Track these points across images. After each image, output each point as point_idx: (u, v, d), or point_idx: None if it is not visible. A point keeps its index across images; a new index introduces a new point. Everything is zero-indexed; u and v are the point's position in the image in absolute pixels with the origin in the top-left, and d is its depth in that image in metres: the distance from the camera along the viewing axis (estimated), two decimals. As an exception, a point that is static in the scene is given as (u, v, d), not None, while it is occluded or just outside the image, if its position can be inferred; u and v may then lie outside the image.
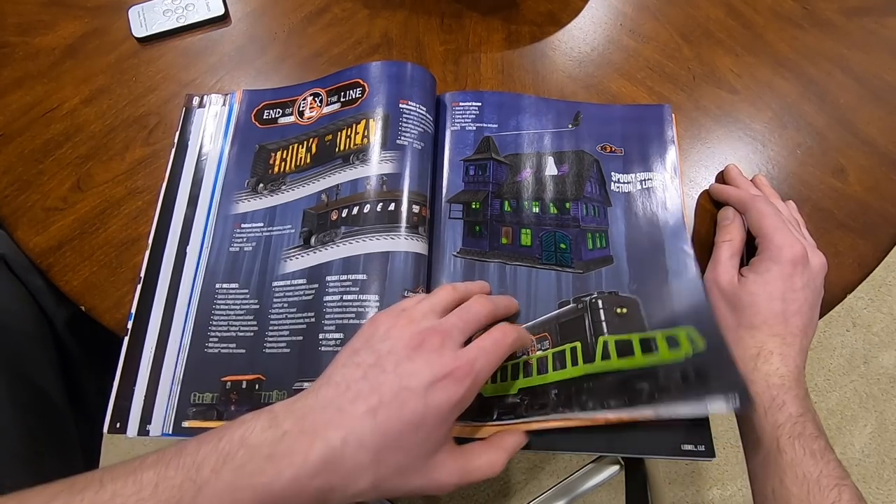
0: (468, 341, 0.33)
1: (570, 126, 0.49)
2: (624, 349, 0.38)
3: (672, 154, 0.47)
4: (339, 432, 0.28)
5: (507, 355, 0.34)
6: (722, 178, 0.49)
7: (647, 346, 0.38)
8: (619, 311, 0.40)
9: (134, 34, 0.53)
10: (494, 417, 0.38)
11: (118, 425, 0.39)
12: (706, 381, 0.35)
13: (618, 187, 0.46)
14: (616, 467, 0.64)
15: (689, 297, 0.40)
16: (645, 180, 0.46)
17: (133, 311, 0.42)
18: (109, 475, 0.26)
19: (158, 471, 0.26)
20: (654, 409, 0.35)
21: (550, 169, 0.47)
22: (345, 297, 0.39)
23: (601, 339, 0.39)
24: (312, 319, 0.40)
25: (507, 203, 0.46)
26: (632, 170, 0.47)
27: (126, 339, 0.41)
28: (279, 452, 0.27)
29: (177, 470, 0.26)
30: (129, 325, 0.42)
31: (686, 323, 0.39)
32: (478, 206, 0.45)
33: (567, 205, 0.45)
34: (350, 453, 0.28)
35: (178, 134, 0.49)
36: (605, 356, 0.38)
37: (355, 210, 0.42)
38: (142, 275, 0.43)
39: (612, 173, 0.47)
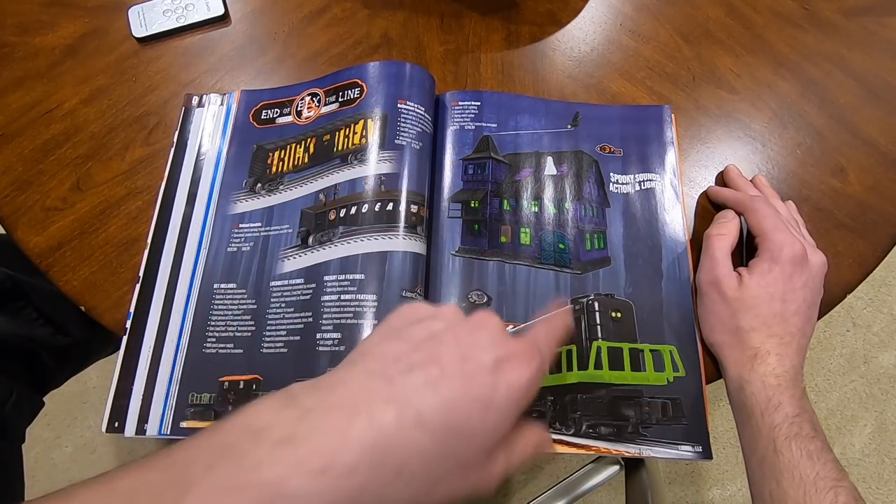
0: None
1: (569, 126, 0.49)
2: (615, 359, 0.40)
3: (671, 155, 0.47)
4: (390, 406, 0.21)
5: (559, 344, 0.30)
6: (722, 178, 0.49)
7: (636, 360, 0.40)
8: (614, 314, 0.42)
9: (134, 34, 0.53)
10: None
11: (116, 424, 0.39)
12: (680, 420, 0.39)
13: (616, 188, 0.46)
14: (616, 467, 0.63)
15: (679, 309, 0.42)
16: (644, 181, 0.46)
17: (132, 310, 0.42)
18: (82, 487, 0.20)
19: (140, 475, 0.20)
20: (638, 447, 0.39)
21: (549, 169, 0.47)
22: (342, 296, 0.39)
23: (595, 343, 0.41)
24: (310, 319, 0.40)
25: (506, 202, 0.46)
26: (630, 170, 0.47)
27: (125, 338, 0.41)
28: (299, 436, 0.19)
29: (161, 472, 0.20)
30: (128, 325, 0.42)
31: (671, 340, 0.41)
32: (477, 205, 0.45)
33: (566, 205, 0.45)
34: (406, 435, 0.20)
35: (177, 134, 0.49)
36: (598, 365, 0.40)
37: (353, 210, 0.42)
38: (140, 274, 0.43)
39: (611, 174, 0.47)
